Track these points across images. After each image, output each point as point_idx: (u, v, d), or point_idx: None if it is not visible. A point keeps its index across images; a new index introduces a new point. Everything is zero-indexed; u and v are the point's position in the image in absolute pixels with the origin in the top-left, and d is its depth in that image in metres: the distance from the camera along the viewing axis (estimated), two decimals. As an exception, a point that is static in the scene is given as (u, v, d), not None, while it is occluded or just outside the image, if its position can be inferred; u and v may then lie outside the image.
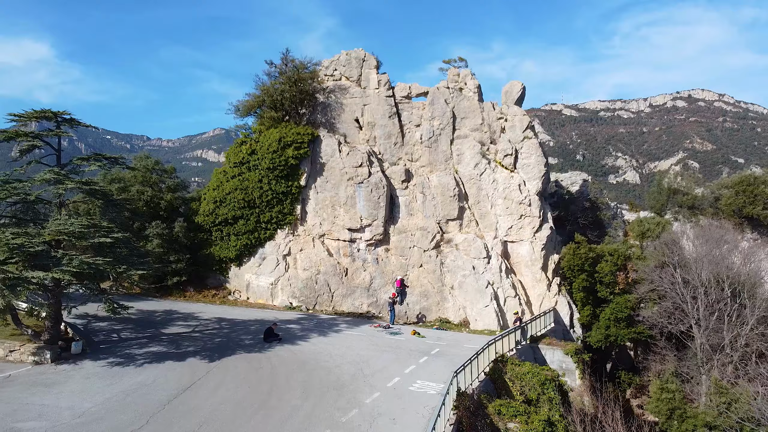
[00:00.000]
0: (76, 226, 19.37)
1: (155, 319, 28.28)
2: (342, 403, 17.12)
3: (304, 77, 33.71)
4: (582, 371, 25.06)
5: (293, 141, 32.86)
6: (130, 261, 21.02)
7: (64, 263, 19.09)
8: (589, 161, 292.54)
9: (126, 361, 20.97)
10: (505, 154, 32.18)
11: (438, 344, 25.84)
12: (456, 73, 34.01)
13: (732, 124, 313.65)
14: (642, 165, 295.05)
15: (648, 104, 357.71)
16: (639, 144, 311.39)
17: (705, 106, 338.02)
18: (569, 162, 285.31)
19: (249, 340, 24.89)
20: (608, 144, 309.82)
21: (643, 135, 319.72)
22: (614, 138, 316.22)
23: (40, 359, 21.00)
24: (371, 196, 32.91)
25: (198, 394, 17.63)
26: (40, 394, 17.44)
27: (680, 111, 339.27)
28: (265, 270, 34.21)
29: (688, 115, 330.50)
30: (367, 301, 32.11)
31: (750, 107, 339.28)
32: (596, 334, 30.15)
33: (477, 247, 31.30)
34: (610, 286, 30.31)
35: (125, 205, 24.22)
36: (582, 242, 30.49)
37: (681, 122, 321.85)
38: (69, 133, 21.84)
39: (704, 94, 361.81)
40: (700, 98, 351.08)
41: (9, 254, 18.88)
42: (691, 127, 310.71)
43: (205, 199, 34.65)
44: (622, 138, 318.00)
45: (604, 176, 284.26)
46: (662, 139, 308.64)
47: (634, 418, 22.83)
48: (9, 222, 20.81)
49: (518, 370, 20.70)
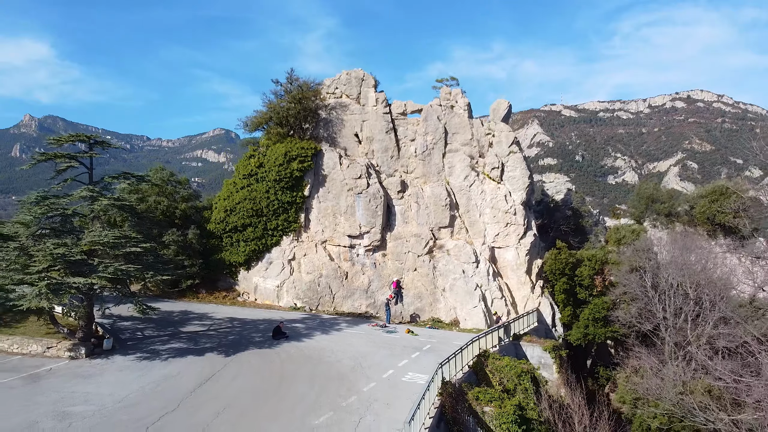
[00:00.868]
0: (110, 237, 22.17)
1: (173, 318, 31.08)
2: (343, 391, 19.86)
3: (307, 95, 36.52)
4: (559, 366, 27.80)
5: (298, 155, 35.66)
6: (156, 267, 23.83)
7: (100, 270, 21.90)
8: (588, 162, 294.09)
9: (152, 356, 23.76)
10: (492, 167, 34.96)
11: (429, 341, 28.57)
12: (448, 92, 36.79)
13: (731, 124, 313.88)
14: (641, 166, 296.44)
15: (647, 105, 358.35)
16: (638, 145, 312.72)
17: (704, 107, 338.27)
18: (568, 163, 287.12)
19: (259, 337, 27.66)
20: (607, 145, 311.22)
21: (642, 136, 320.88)
22: (613, 139, 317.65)
23: (76, 354, 23.77)
24: (369, 206, 35.68)
25: (218, 384, 20.41)
26: (82, 384, 20.20)
27: (679, 112, 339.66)
28: (272, 273, 36.99)
29: (687, 115, 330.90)
30: (365, 302, 34.89)
31: (749, 108, 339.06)
32: (576, 333, 32.89)
33: (467, 253, 34.05)
34: (588, 288, 33.04)
35: (149, 217, 26.98)
36: (563, 248, 33.23)
37: (680, 123, 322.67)
38: (99, 154, 24.62)
39: (703, 94, 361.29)
40: (699, 99, 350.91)
41: (52, 262, 21.69)
42: (690, 127, 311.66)
43: (217, 208, 37.47)
44: (621, 139, 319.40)
45: (603, 177, 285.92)
46: (661, 140, 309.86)
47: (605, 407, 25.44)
48: (48, 233, 23.56)
49: (498, 363, 23.45)
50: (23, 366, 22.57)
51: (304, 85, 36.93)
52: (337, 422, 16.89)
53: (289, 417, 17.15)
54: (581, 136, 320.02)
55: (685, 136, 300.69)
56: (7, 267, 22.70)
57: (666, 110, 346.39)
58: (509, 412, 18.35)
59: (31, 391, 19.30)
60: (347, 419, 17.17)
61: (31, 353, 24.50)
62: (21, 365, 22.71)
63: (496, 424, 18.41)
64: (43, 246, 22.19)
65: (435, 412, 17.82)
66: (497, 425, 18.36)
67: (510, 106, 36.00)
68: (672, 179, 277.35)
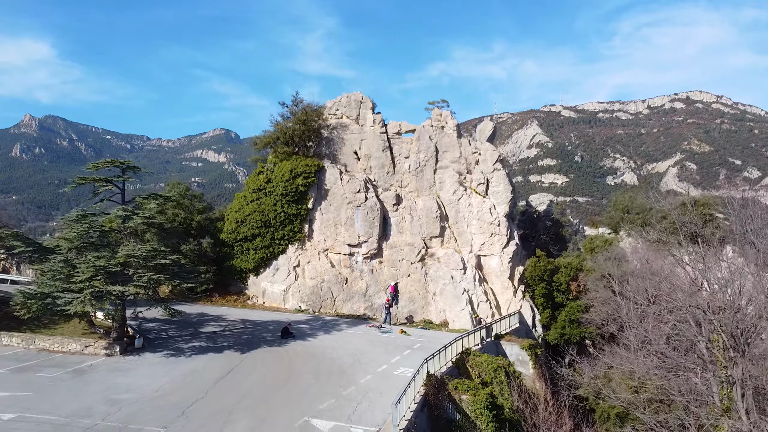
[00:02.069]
0: (143, 251, 25.83)
1: (191, 320, 34.74)
2: (343, 383, 23.43)
3: (311, 117, 40.18)
4: (534, 362, 31.42)
5: (302, 171, 39.34)
6: (181, 276, 27.52)
7: (134, 279, 25.59)
8: (587, 163, 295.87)
9: (177, 353, 27.40)
10: (478, 183, 38.59)
11: (420, 341, 32.17)
12: (439, 114, 40.44)
13: (730, 125, 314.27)
14: (640, 166, 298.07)
15: (646, 106, 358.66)
16: (637, 145, 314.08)
17: (703, 108, 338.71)
18: (567, 163, 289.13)
19: (269, 337, 31.28)
20: (606, 145, 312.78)
21: (641, 136, 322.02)
22: (612, 139, 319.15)
23: (111, 352, 27.37)
24: (367, 217, 39.32)
25: (237, 376, 24.05)
26: (122, 377, 23.79)
27: (678, 113, 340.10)
28: (279, 279, 40.66)
29: (686, 116, 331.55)
30: (363, 305, 38.55)
31: (748, 109, 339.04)
32: (554, 333, 36.54)
33: (455, 260, 37.67)
34: (565, 293, 36.68)
35: (173, 231, 30.66)
36: (542, 256, 36.86)
37: (679, 124, 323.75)
38: (131, 178, 28.31)
39: (702, 95, 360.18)
40: (698, 100, 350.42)
41: (94, 273, 25.35)
42: (688, 128, 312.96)
43: (229, 219, 41.17)
44: (621, 139, 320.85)
45: (602, 178, 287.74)
46: (660, 141, 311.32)
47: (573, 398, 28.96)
48: (88, 247, 27.21)
49: (477, 359, 27.06)
50: (67, 362, 26.15)
51: (307, 108, 40.61)
52: (338, 407, 20.50)
53: (298, 403, 20.77)
54: (580, 136, 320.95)
55: (684, 137, 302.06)
56: (53, 277, 26.35)
57: (665, 111, 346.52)
58: (482, 400, 21.98)
59: (80, 383, 22.91)
60: (347, 405, 20.79)
61: (71, 351, 28.04)
62: (64, 362, 26.29)
63: (470, 410, 22.03)
64: (85, 258, 25.87)
65: (420, 398, 21.41)
66: (472, 410, 21.99)
67: (495, 127, 39.62)
68: (671, 180, 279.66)
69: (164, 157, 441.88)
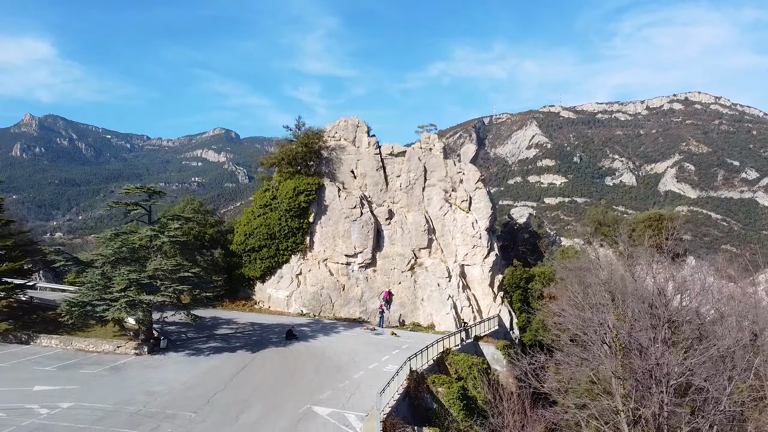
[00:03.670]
0: (169, 266, 30.31)
1: (206, 323, 39.16)
2: (339, 377, 27.83)
3: (312, 139, 44.63)
4: (508, 361, 35.80)
5: (304, 189, 43.82)
6: (201, 286, 32.01)
7: (162, 290, 30.07)
8: (586, 163, 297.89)
9: (197, 353, 31.85)
10: (462, 200, 43.00)
11: (408, 341, 36.54)
12: (427, 137, 44.88)
13: (728, 126, 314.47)
14: (638, 167, 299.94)
15: (645, 106, 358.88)
16: (636, 146, 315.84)
17: (701, 109, 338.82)
18: (566, 164, 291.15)
19: (275, 338, 35.70)
20: (605, 146, 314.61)
21: (640, 137, 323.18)
22: (611, 140, 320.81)
23: (140, 352, 31.81)
24: (362, 230, 43.76)
25: (249, 372, 28.48)
26: (153, 373, 28.20)
27: (677, 113, 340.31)
28: (283, 285, 45.13)
29: (684, 117, 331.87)
30: (359, 309, 43.01)
31: (746, 110, 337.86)
32: (529, 335, 40.93)
33: (441, 269, 42.08)
34: (538, 299, 41.01)
35: (193, 245, 35.14)
36: (518, 266, 41.25)
37: (677, 125, 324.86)
38: (157, 201, 32.79)
39: (701, 96, 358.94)
40: (697, 101, 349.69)
41: (128, 284, 29.84)
42: (687, 129, 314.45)
43: (238, 232, 45.67)
44: (619, 140, 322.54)
45: (601, 178, 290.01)
46: (659, 142, 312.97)
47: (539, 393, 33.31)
48: (120, 261, 31.67)
49: (455, 358, 31.47)
50: (102, 361, 30.57)
51: (309, 131, 45.08)
52: (335, 397, 24.94)
53: (302, 394, 25.23)
54: (579, 137, 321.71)
55: (683, 137, 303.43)
56: (91, 287, 30.83)
57: (664, 112, 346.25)
58: (455, 392, 26.40)
59: (119, 378, 27.37)
60: (342, 395, 25.23)
61: (104, 351, 32.44)
62: (100, 360, 30.73)
63: (445, 400, 26.45)
64: (120, 272, 30.36)
65: (402, 390, 25.84)
66: (446, 401, 26.41)
67: (477, 149, 44.15)
68: (669, 181, 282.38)
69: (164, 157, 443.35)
